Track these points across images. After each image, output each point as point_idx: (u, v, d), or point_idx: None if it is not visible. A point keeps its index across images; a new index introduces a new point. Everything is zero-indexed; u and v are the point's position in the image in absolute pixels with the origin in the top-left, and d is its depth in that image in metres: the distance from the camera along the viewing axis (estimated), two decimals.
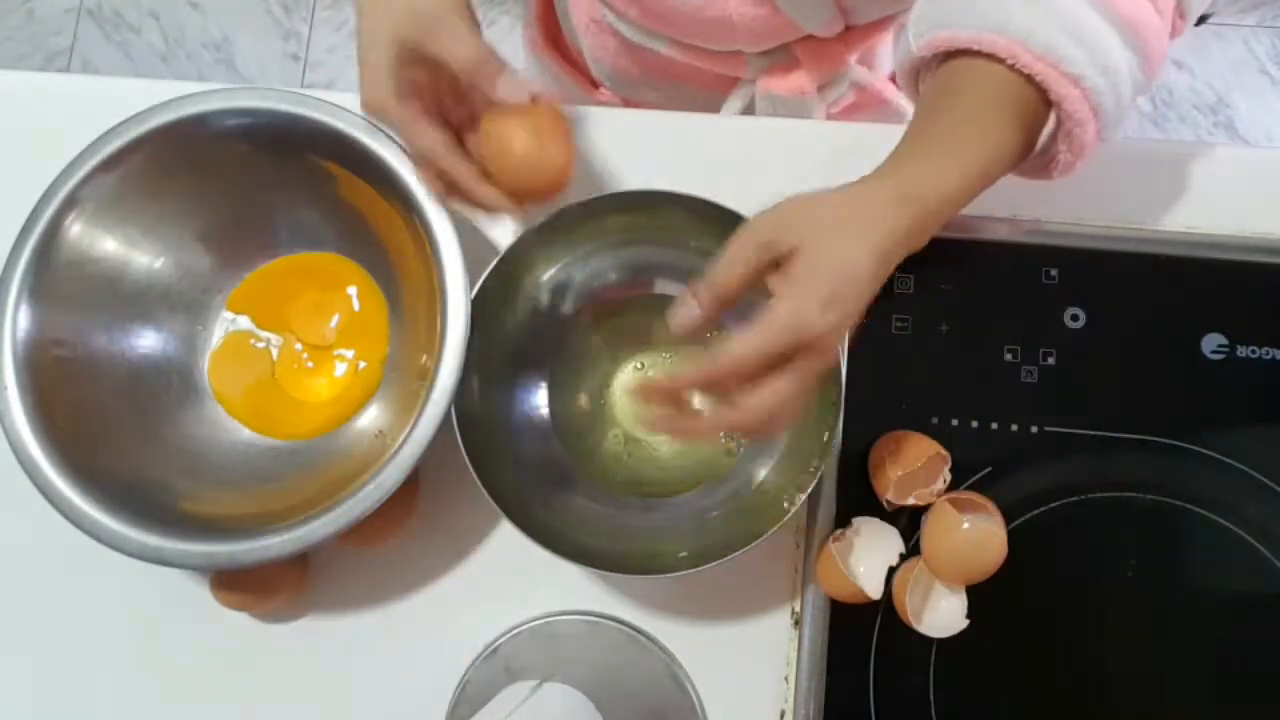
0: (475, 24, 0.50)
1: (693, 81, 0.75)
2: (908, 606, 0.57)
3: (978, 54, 0.46)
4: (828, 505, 0.61)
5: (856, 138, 0.68)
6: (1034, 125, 0.48)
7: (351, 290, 0.66)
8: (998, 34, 0.45)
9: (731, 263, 0.45)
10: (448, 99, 0.54)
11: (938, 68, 0.50)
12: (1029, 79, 0.46)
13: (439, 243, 0.57)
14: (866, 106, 0.77)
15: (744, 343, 0.43)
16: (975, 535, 0.56)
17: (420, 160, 0.52)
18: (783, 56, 0.70)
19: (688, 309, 0.46)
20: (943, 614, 0.58)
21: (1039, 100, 0.47)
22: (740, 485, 0.61)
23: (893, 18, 0.68)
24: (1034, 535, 0.60)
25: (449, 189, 0.53)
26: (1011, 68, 0.45)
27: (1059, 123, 0.48)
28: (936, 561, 0.57)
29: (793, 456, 0.59)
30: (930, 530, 0.58)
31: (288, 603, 0.63)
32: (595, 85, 0.85)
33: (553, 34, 0.85)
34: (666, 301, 0.63)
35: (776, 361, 0.44)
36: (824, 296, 0.43)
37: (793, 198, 0.46)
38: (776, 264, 0.44)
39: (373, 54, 0.49)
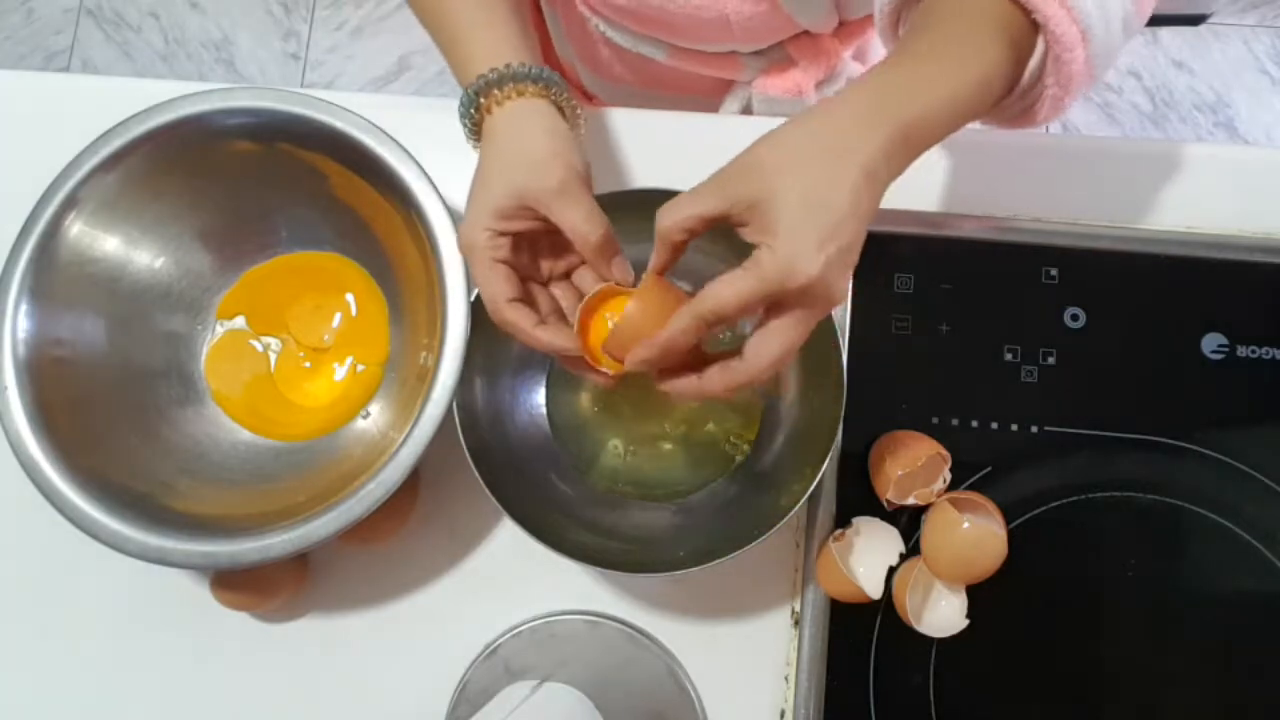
0: (591, 189, 0.49)
1: (688, 88, 0.75)
2: (907, 606, 0.57)
3: None
4: (828, 505, 0.61)
5: None
6: (1021, 50, 0.45)
7: (350, 297, 0.66)
8: None
9: (688, 211, 0.42)
10: (545, 248, 0.52)
11: (916, 6, 0.49)
12: (1014, 1, 0.44)
13: (439, 243, 0.57)
14: None
15: (727, 294, 0.41)
16: (975, 535, 0.56)
17: (488, 306, 0.50)
18: (778, 56, 0.70)
19: (624, 266, 0.47)
20: (943, 614, 0.58)
21: (1025, 25, 0.44)
22: (741, 485, 0.61)
23: None
24: (1034, 535, 0.60)
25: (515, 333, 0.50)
26: None
27: (1046, 50, 0.45)
28: (936, 561, 0.57)
29: (793, 456, 0.59)
30: (930, 530, 0.58)
31: (288, 603, 0.63)
32: (589, 98, 0.84)
33: (543, 46, 0.85)
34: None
35: (770, 307, 0.43)
36: (817, 237, 0.40)
37: (753, 144, 0.42)
38: (752, 212, 0.41)
39: (482, 196, 0.48)
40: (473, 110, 0.50)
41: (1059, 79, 0.45)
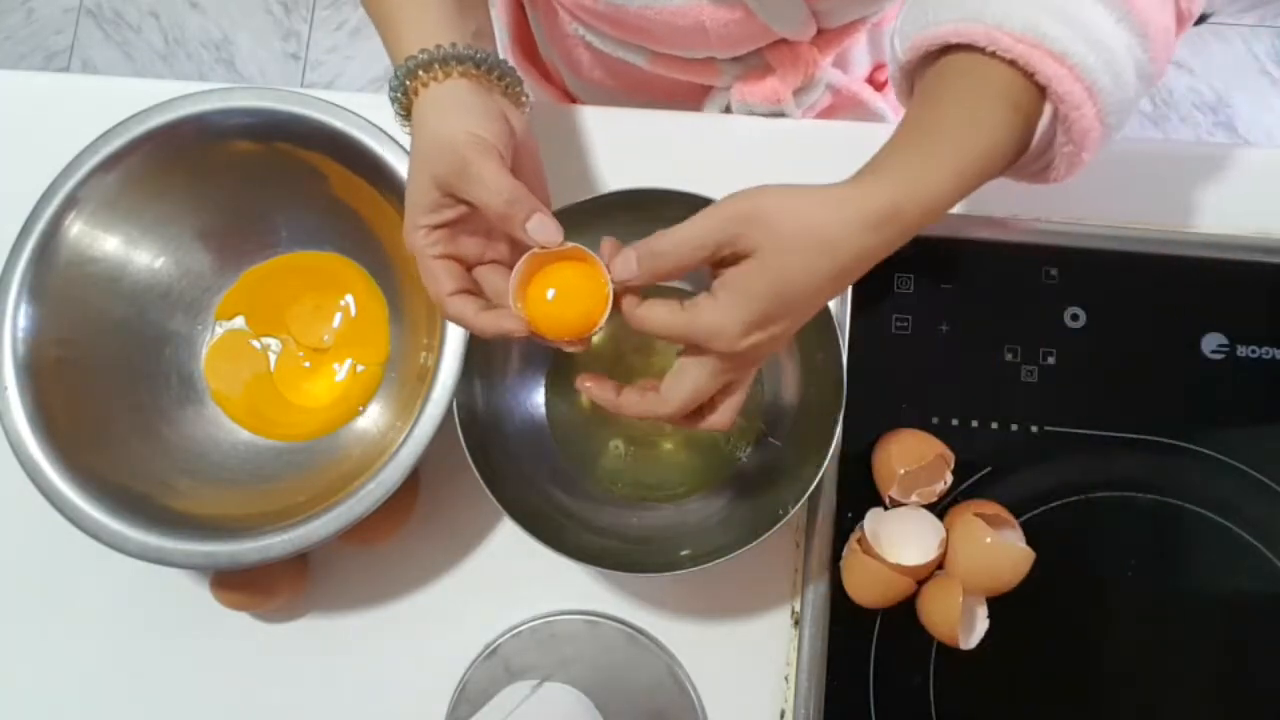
0: (504, 155, 0.46)
1: (667, 93, 0.74)
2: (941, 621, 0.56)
3: (960, 48, 0.45)
4: (828, 505, 0.61)
5: (843, 134, 0.68)
6: (1029, 115, 0.45)
7: (349, 298, 0.66)
8: (975, 22, 0.44)
9: (685, 247, 0.43)
10: (495, 227, 0.49)
11: (925, 71, 0.49)
12: (1015, 65, 0.44)
13: None
14: (842, 109, 0.76)
15: (654, 319, 0.44)
16: (999, 552, 0.55)
17: (435, 304, 0.49)
18: (755, 63, 0.70)
19: (626, 263, 0.45)
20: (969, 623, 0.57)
21: (1031, 89, 0.44)
22: (741, 486, 0.61)
23: (865, 20, 0.68)
24: (1034, 535, 0.60)
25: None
26: (994, 55, 0.44)
27: (1054, 110, 0.45)
28: (960, 573, 0.56)
29: (794, 457, 0.59)
30: (954, 541, 0.57)
31: (288, 603, 0.63)
32: (571, 99, 0.85)
33: (528, 48, 0.85)
34: (667, 295, 0.64)
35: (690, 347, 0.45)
36: (750, 320, 0.42)
37: (768, 191, 0.43)
38: (731, 257, 0.43)
39: (410, 192, 0.47)
40: (400, 95, 0.48)
41: (1071, 137, 0.45)
